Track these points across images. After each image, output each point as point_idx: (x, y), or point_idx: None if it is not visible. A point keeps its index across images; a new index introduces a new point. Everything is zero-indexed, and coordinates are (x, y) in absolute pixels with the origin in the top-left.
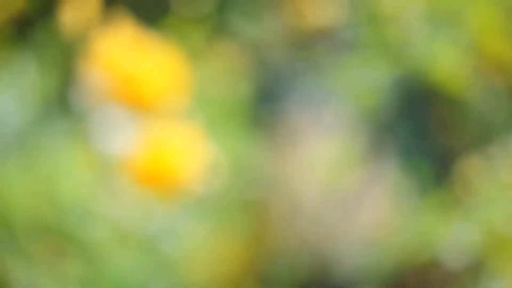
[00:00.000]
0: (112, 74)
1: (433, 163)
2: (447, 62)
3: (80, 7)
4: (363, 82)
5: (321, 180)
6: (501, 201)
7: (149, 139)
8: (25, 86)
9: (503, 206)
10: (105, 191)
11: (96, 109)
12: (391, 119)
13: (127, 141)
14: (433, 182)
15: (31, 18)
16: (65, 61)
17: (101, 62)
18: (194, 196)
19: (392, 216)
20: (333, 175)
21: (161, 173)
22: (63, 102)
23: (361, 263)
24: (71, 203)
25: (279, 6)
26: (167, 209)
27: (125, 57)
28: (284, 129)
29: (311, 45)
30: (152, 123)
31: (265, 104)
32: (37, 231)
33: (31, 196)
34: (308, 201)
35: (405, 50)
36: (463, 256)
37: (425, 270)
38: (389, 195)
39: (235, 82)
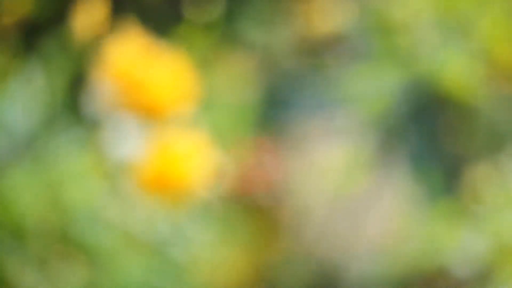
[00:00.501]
0: (122, 81)
1: (442, 170)
2: (457, 70)
3: (90, 14)
4: (373, 88)
5: (330, 186)
6: (509, 210)
7: (158, 146)
8: (35, 93)
9: (511, 215)
10: (114, 197)
11: (105, 116)
12: (401, 126)
13: (136, 147)
14: (442, 190)
15: (40, 25)
16: (75, 68)
17: (110, 69)
18: (202, 202)
19: (401, 223)
20: (342, 182)
21: (169, 179)
22: (72, 109)
23: (369, 271)
24: (80, 208)
25: (289, 13)
26: (175, 215)
27: (135, 65)
28: (293, 136)
29: (320, 52)
30: (161, 130)
31: (274, 111)
32: (46, 236)
33: (40, 201)
34: (316, 208)
35: (415, 58)
36: (471, 265)
37: (433, 278)
38: (398, 203)
39: (244, 89)
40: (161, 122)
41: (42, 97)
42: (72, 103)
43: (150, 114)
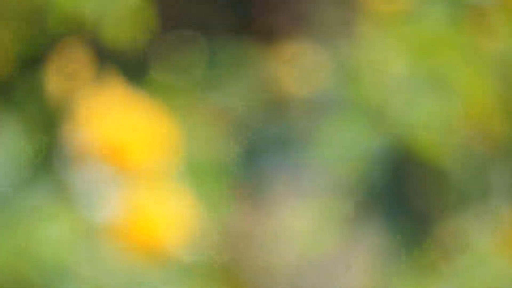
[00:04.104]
0: (98, 135)
1: (413, 228)
2: (430, 129)
3: (65, 67)
4: (345, 146)
5: (301, 244)
6: (478, 269)
7: (135, 202)
8: (9, 147)
9: (480, 274)
10: (88, 253)
11: (81, 171)
12: (372, 184)
13: (113, 203)
14: (412, 248)
15: (15, 78)
16: (50, 122)
17: (86, 123)
18: (179, 261)
19: (372, 281)
20: (313, 239)
21: (146, 236)
22: (48, 164)
23: None
24: (52, 264)
25: (261, 69)
26: (151, 274)
27: (111, 118)
28: (265, 193)
29: (292, 109)
30: (138, 185)
31: (246, 167)
32: None
33: (12, 255)
34: (288, 266)
35: (389, 116)
36: None
37: None
38: (370, 260)
39: (219, 145)
40: (139, 176)
41: (17, 151)
42: (48, 157)
43: (127, 168)
